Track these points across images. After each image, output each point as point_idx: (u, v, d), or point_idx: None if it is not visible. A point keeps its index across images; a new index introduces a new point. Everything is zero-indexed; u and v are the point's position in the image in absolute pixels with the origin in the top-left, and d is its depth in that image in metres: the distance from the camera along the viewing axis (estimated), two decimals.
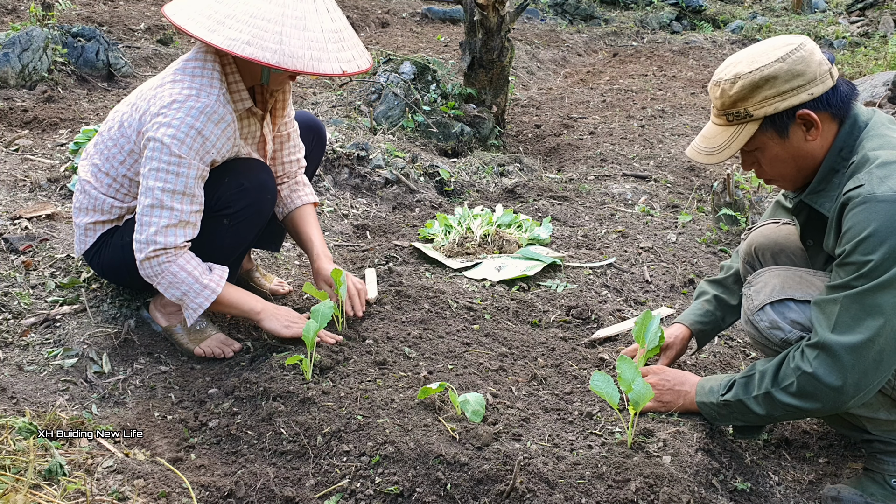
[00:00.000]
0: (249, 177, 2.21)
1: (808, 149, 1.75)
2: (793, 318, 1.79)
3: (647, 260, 3.21)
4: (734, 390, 1.83)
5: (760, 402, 1.77)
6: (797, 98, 1.69)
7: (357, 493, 1.72)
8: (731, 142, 1.76)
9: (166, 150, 2.04)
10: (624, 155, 4.89)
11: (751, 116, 1.72)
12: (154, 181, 2.07)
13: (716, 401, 1.88)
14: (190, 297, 2.14)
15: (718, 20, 11.34)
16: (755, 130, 1.74)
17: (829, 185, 1.76)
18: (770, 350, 1.85)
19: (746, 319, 1.88)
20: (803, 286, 1.82)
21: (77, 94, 4.90)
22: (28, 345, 2.26)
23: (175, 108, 2.05)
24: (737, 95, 1.72)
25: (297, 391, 2.03)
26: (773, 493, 1.88)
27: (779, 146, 1.76)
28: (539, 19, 10.56)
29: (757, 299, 1.84)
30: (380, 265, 3.02)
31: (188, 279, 2.12)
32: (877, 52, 8.02)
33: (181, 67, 2.15)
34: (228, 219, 2.21)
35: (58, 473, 1.69)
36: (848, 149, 1.74)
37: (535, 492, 1.67)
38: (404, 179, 4.01)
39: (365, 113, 4.98)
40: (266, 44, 1.98)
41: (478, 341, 2.43)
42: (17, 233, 2.79)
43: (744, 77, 1.70)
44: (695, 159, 1.85)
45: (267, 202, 2.28)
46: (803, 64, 1.68)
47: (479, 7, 5.13)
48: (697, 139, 1.86)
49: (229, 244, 2.27)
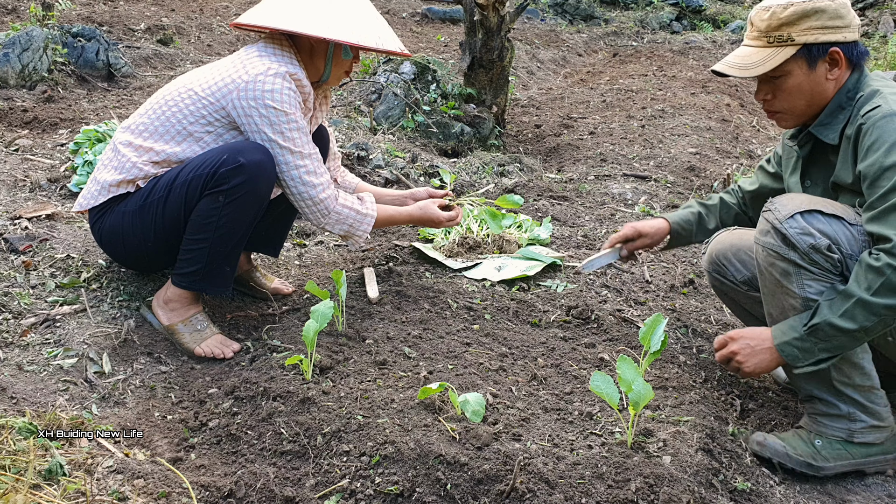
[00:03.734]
0: (247, 154, 2.21)
1: (825, 86, 1.96)
2: (820, 227, 1.87)
3: (647, 260, 3.21)
4: (820, 314, 1.83)
5: (854, 315, 1.79)
6: (835, 36, 1.91)
7: (357, 493, 1.72)
8: (767, 61, 1.95)
9: (280, 114, 2.27)
10: (624, 155, 4.89)
11: (792, 41, 1.92)
12: (280, 139, 2.29)
13: (799, 334, 1.86)
14: (355, 227, 2.50)
15: (718, 20, 11.34)
16: (790, 56, 1.93)
17: (835, 119, 1.97)
18: (779, 268, 1.91)
19: (771, 228, 1.92)
20: (827, 205, 1.92)
21: (77, 94, 4.90)
22: (28, 345, 2.26)
23: (272, 74, 2.26)
24: (786, 19, 1.92)
25: (297, 391, 2.03)
26: (773, 493, 1.88)
27: (804, 76, 1.96)
28: (539, 19, 10.57)
29: (785, 210, 1.92)
30: (380, 265, 3.02)
31: (350, 213, 2.48)
32: (877, 52, 8.02)
33: (258, 53, 2.33)
34: (224, 195, 2.19)
35: (58, 473, 1.69)
36: (854, 91, 1.96)
37: (535, 492, 1.67)
38: (404, 179, 4.01)
39: (365, 113, 4.98)
40: (347, 30, 2.32)
41: (478, 341, 2.43)
42: (17, 233, 2.79)
43: (797, 4, 1.91)
44: (725, 72, 2.02)
45: (262, 183, 2.25)
46: (846, 9, 1.92)
47: (479, 7, 5.13)
48: (730, 56, 2.05)
49: (225, 225, 2.23)
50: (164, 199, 2.24)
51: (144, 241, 2.31)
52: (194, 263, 2.27)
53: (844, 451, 1.94)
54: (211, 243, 2.23)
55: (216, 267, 2.29)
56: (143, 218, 2.27)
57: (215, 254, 2.26)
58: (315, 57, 2.42)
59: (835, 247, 1.85)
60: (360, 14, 2.39)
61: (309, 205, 2.39)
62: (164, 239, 2.29)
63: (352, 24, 2.33)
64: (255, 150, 2.24)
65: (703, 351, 2.52)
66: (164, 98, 2.34)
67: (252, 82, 2.24)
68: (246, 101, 2.25)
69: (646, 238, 2.50)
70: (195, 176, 2.21)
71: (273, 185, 2.32)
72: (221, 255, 2.27)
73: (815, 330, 1.84)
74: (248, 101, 2.24)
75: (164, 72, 5.54)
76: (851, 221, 1.88)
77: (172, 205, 2.23)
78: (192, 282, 2.30)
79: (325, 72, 2.45)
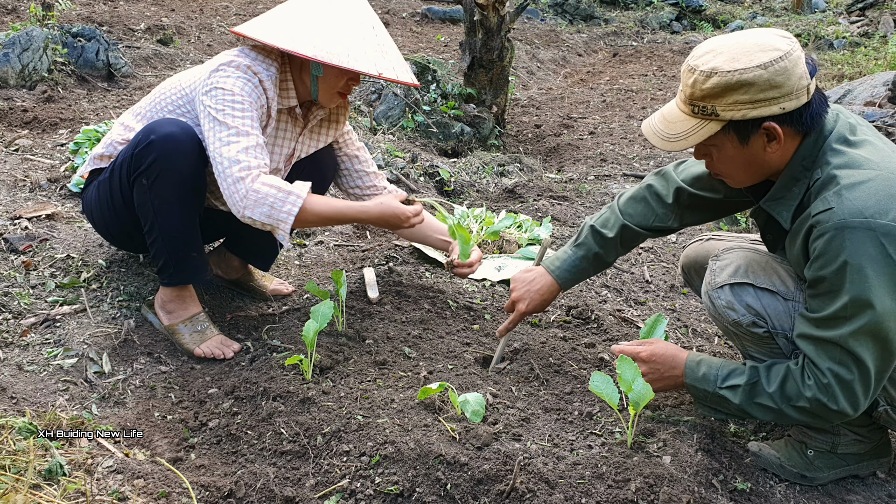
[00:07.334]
0: (158, 130, 2.19)
1: (765, 158, 1.71)
2: (749, 302, 1.82)
3: (647, 260, 3.21)
4: (738, 395, 1.78)
5: (764, 412, 1.77)
6: (767, 110, 1.62)
7: (357, 493, 1.72)
8: (690, 135, 1.70)
9: (227, 93, 2.17)
10: (624, 155, 4.89)
11: (717, 115, 1.65)
12: (218, 113, 2.16)
13: (711, 390, 1.83)
14: (277, 208, 2.11)
15: (718, 20, 11.34)
16: (717, 130, 1.68)
17: (790, 193, 1.74)
18: (720, 323, 1.90)
19: (705, 292, 1.91)
20: (767, 273, 1.84)
21: (77, 94, 4.89)
22: (28, 345, 2.26)
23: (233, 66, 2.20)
24: (708, 91, 1.64)
25: (297, 391, 2.03)
26: (773, 493, 1.88)
27: (736, 150, 1.71)
28: (539, 19, 10.57)
29: (719, 277, 1.87)
30: (380, 265, 3.02)
31: (271, 191, 2.12)
32: (877, 52, 8.02)
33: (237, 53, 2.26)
34: (145, 177, 2.18)
35: (58, 473, 1.69)
36: (810, 159, 1.71)
37: (535, 492, 1.67)
38: (404, 179, 4.01)
39: (365, 113, 4.98)
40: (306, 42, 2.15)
41: (478, 341, 2.43)
42: (17, 233, 2.79)
43: (720, 74, 1.62)
44: (650, 139, 1.79)
45: (177, 156, 2.18)
46: (784, 76, 1.60)
47: (479, 7, 5.13)
48: (657, 118, 1.79)
49: (160, 209, 2.20)
50: (108, 179, 2.34)
51: (103, 215, 2.39)
52: (160, 257, 2.28)
53: (837, 460, 1.93)
54: (159, 231, 2.23)
55: (182, 255, 2.27)
56: (101, 193, 2.37)
57: (170, 241, 2.24)
58: (304, 73, 2.32)
59: (760, 321, 1.81)
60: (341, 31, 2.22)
61: (229, 183, 2.12)
62: (117, 214, 2.34)
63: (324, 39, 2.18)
64: (168, 124, 2.21)
65: (704, 351, 2.52)
66: (161, 88, 2.41)
67: (214, 71, 2.22)
68: (202, 87, 2.23)
69: (537, 311, 2.29)
70: (122, 158, 2.26)
71: (197, 158, 2.21)
72: (179, 242, 2.25)
73: (725, 400, 1.82)
74: (204, 86, 2.22)
75: (164, 72, 5.53)
76: (786, 296, 1.82)
77: (114, 183, 2.30)
78: (170, 276, 2.31)
79: (311, 89, 2.34)
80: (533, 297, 2.24)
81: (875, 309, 1.58)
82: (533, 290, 2.24)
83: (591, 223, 2.23)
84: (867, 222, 1.56)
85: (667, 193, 2.14)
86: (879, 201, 1.58)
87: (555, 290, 2.24)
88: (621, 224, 2.17)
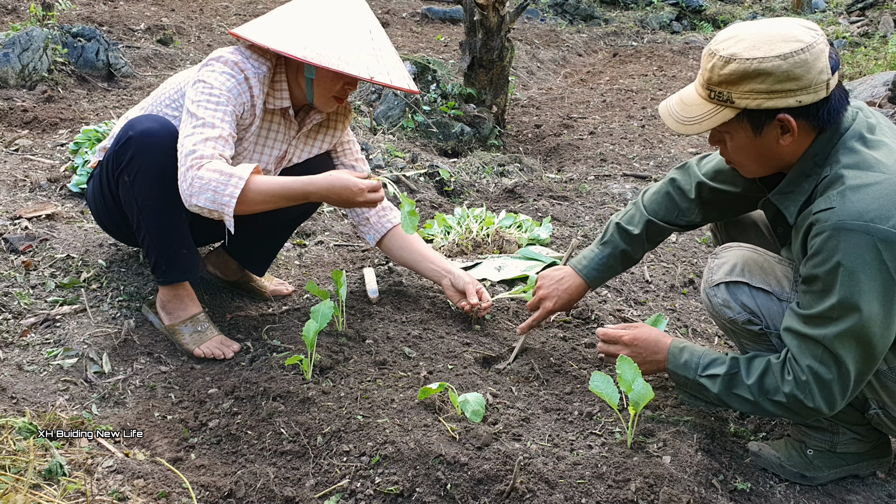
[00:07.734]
0: (136, 126, 2.19)
1: (778, 151, 1.69)
2: (744, 301, 1.83)
3: (646, 260, 3.21)
4: (717, 385, 1.80)
5: (741, 403, 1.79)
6: (783, 101, 1.60)
7: (357, 493, 1.72)
8: (704, 119, 1.69)
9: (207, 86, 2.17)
10: (624, 155, 4.89)
11: (732, 103, 1.64)
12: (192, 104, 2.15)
13: (692, 378, 1.85)
14: (220, 192, 2.03)
15: (718, 20, 11.34)
16: (731, 117, 1.66)
17: (798, 188, 1.72)
18: (718, 320, 1.91)
19: (703, 290, 1.92)
20: (763, 273, 1.84)
21: (77, 94, 4.90)
22: (28, 345, 2.26)
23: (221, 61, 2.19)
24: (725, 77, 1.63)
25: (297, 391, 2.03)
26: (773, 493, 1.88)
27: (748, 139, 1.69)
28: (539, 19, 10.57)
29: (716, 275, 1.88)
30: (380, 265, 3.02)
31: (214, 175, 2.04)
32: (877, 52, 8.02)
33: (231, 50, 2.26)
34: (127, 174, 2.19)
35: (58, 473, 1.69)
36: (822, 156, 1.68)
37: (535, 492, 1.67)
38: (404, 179, 4.01)
39: (365, 113, 4.99)
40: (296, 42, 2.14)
41: (478, 341, 2.43)
42: (17, 233, 2.79)
43: (738, 61, 1.60)
44: (665, 121, 1.78)
45: (155, 151, 2.17)
46: (803, 68, 1.57)
47: (479, 7, 5.13)
48: (675, 100, 1.78)
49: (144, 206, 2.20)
50: (98, 175, 2.40)
51: (97, 209, 2.45)
52: (151, 256, 2.28)
53: (837, 459, 1.92)
54: (146, 229, 2.23)
55: (172, 253, 2.27)
56: (94, 189, 2.42)
57: (158, 238, 2.24)
58: (299, 76, 2.30)
59: (756, 319, 1.82)
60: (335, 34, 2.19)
61: (181, 173, 2.08)
62: (109, 210, 2.38)
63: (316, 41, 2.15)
64: (147, 120, 2.22)
65: None
66: (164, 84, 2.44)
67: (203, 66, 2.23)
68: (191, 81, 2.24)
69: (562, 310, 2.29)
70: (108, 156, 2.29)
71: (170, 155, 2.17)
72: (167, 239, 2.25)
73: (704, 388, 1.84)
74: (192, 80, 2.23)
75: (164, 72, 5.53)
76: (781, 296, 1.82)
77: (103, 180, 2.33)
78: (164, 275, 2.31)
79: (307, 92, 2.31)
80: (561, 295, 2.24)
81: (862, 313, 1.58)
82: (561, 289, 2.24)
83: (616, 220, 2.24)
84: (866, 226, 1.56)
85: (689, 188, 2.13)
86: (882, 206, 1.57)
87: (583, 289, 2.24)
88: (646, 220, 2.17)
